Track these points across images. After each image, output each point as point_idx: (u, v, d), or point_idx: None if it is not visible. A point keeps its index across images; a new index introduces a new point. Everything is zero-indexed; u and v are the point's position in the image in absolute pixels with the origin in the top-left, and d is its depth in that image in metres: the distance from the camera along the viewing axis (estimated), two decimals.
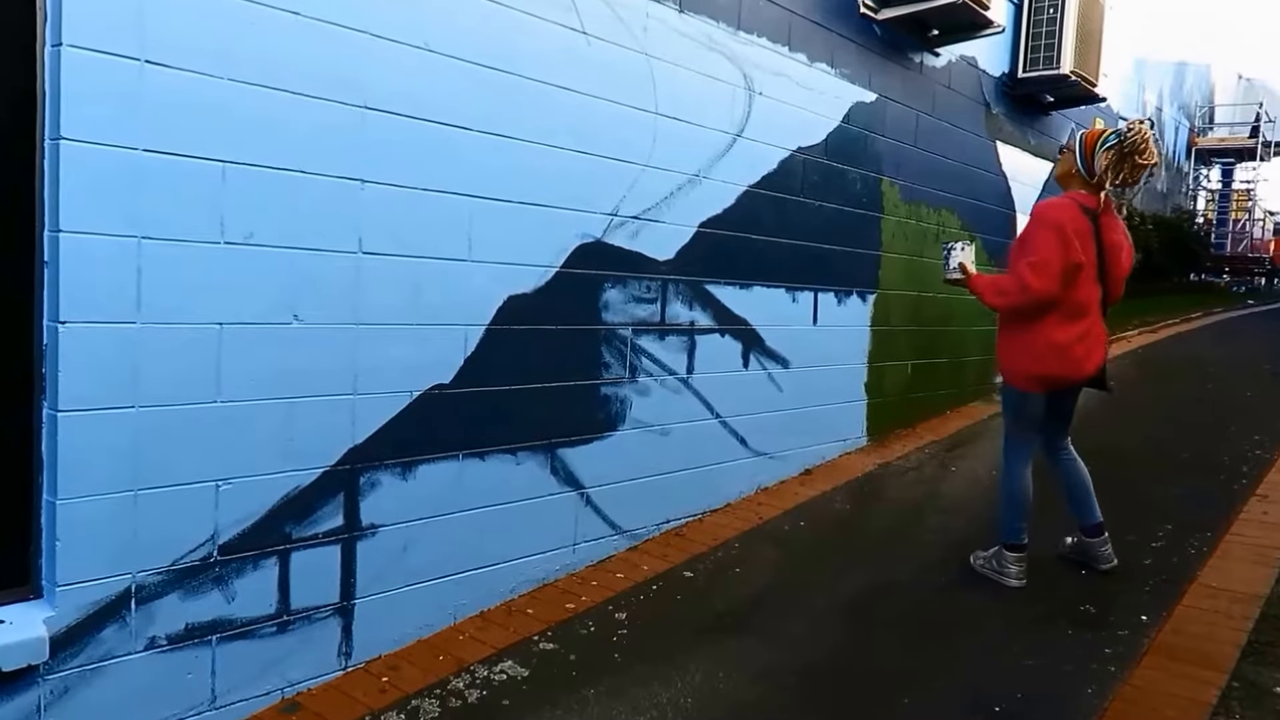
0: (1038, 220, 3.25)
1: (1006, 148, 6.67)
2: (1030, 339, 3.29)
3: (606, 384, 3.62)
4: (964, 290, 3.52)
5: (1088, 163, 3.24)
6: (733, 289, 4.19)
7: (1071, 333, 3.28)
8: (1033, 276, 3.16)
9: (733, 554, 3.84)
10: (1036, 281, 3.16)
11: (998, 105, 6.51)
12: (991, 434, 5.85)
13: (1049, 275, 3.15)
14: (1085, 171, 3.26)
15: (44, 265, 2.23)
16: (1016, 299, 3.25)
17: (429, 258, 2.94)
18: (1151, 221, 12.47)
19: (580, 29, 3.37)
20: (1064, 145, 3.40)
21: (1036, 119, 7.10)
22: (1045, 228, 3.20)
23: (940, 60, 5.72)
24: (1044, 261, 3.16)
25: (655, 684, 2.79)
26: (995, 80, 6.44)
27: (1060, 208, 3.24)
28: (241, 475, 2.55)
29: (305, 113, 2.59)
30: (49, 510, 2.26)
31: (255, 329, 2.55)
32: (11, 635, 2.17)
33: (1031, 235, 3.24)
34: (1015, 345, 3.36)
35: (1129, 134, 3.14)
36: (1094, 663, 2.89)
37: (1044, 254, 3.16)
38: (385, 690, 2.76)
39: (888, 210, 5.32)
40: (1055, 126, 7.39)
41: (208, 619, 2.52)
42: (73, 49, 2.16)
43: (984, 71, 6.28)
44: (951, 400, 6.31)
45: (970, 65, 6.09)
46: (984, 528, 4.18)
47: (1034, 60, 6.49)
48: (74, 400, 2.23)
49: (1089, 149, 3.23)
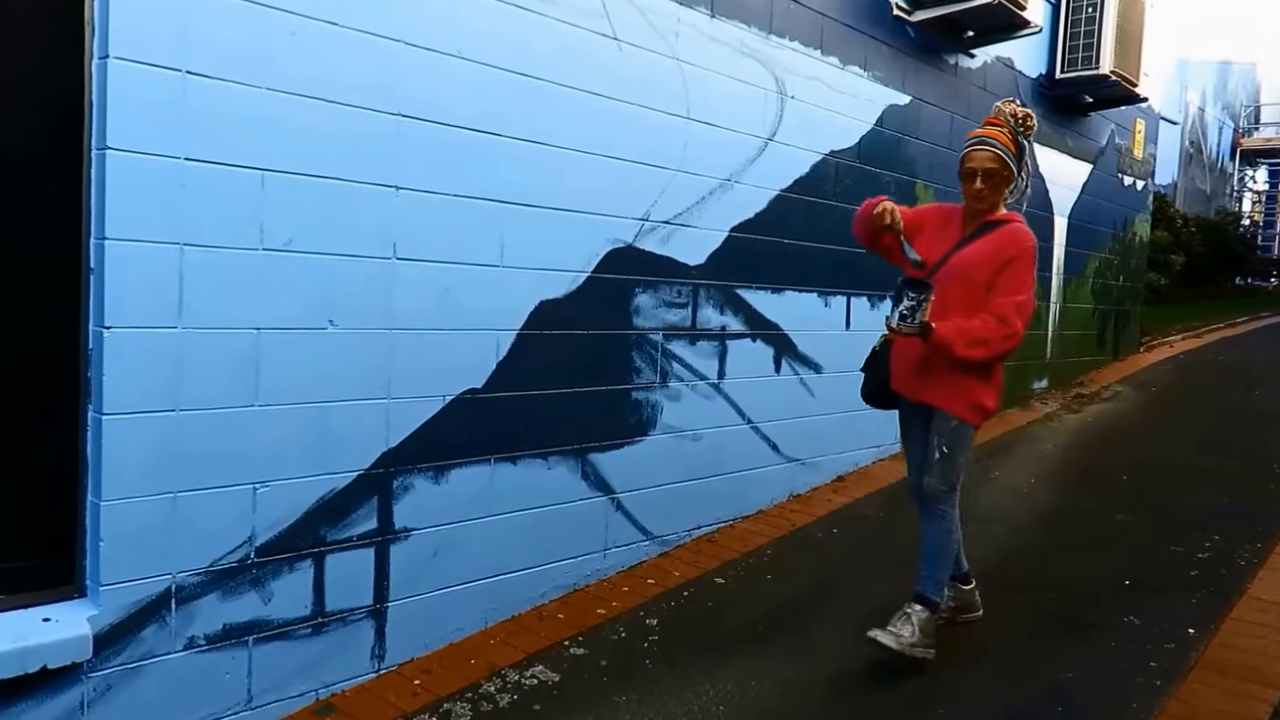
0: (1026, 251, 2.81)
1: (1044, 150, 6.57)
2: (995, 371, 2.92)
3: (637, 389, 3.62)
4: None
5: (1018, 174, 2.90)
6: (764, 293, 4.17)
7: None
8: (1019, 320, 2.75)
9: (764, 561, 3.82)
10: (1021, 326, 2.75)
11: (1035, 107, 6.40)
12: (1030, 440, 5.77)
13: (1028, 319, 2.80)
14: (1018, 180, 2.92)
15: (90, 272, 2.29)
16: (997, 349, 2.77)
17: (462, 263, 2.97)
18: (1195, 224, 12.22)
19: (612, 35, 3.38)
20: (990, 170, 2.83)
21: (1075, 120, 6.99)
22: (1031, 262, 2.81)
23: (975, 62, 5.66)
24: (1028, 305, 2.80)
25: (686, 692, 2.78)
26: (1032, 81, 6.36)
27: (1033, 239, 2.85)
28: (278, 478, 2.59)
29: (341, 121, 2.63)
30: (93, 511, 2.31)
31: (292, 334, 2.59)
32: (57, 633, 2.22)
33: (1016, 268, 2.79)
34: (989, 381, 2.91)
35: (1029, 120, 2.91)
36: (1138, 676, 2.82)
37: (1029, 294, 2.80)
38: (417, 693, 2.79)
39: None
40: (1094, 128, 7.28)
41: (245, 620, 2.56)
42: (119, 61, 2.22)
43: (1020, 73, 6.20)
44: None
45: (1006, 66, 6.01)
46: (1024, 538, 4.13)
47: (1072, 61, 6.39)
48: (117, 404, 2.28)
49: (1016, 162, 2.88)
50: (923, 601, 2.88)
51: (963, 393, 2.84)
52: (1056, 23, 6.40)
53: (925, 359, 2.88)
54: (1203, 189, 15.19)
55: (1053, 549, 3.99)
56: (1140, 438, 5.98)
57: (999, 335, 2.73)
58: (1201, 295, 12.82)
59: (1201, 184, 15.30)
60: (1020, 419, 6.24)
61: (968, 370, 2.82)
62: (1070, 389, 7.18)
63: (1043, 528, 4.28)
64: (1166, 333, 9.89)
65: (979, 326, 2.73)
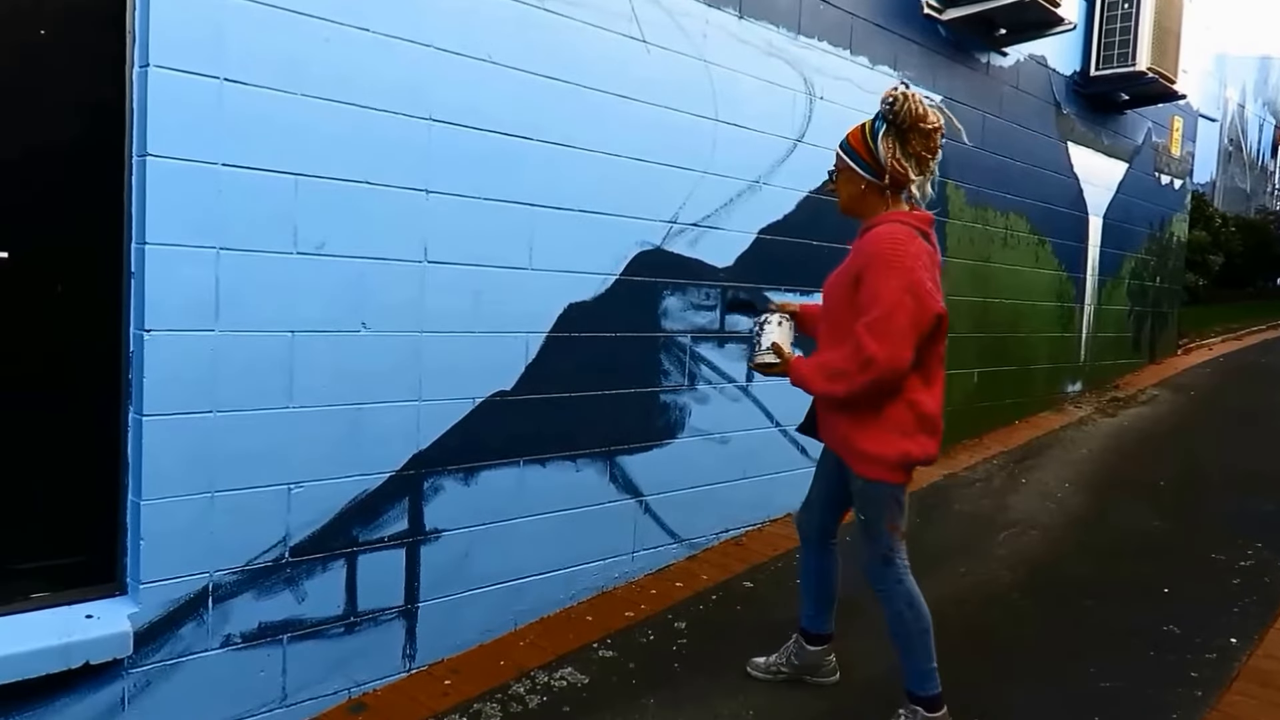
0: (874, 257, 2.31)
1: (1078, 149, 6.49)
2: (896, 413, 2.36)
3: (665, 391, 3.63)
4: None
5: (870, 163, 2.38)
6: (793, 295, 4.15)
7: (938, 397, 2.43)
8: (875, 343, 2.25)
9: (793, 565, 3.79)
10: (881, 349, 2.24)
11: (1068, 105, 6.34)
12: (1064, 444, 5.70)
13: (898, 339, 2.25)
14: (874, 175, 2.38)
15: (130, 276, 2.33)
16: (857, 381, 2.30)
17: (491, 266, 2.99)
18: (1234, 223, 11.99)
19: (640, 38, 3.39)
20: (830, 171, 2.55)
21: (1110, 118, 6.89)
22: (887, 268, 2.27)
23: (1008, 60, 5.60)
24: (886, 316, 2.25)
25: (715, 696, 2.78)
26: (1066, 79, 6.28)
27: (903, 240, 2.31)
28: (312, 479, 2.63)
29: (373, 126, 2.66)
30: (133, 510, 2.36)
31: (325, 336, 2.62)
32: (99, 630, 2.27)
33: (867, 280, 2.30)
34: (877, 424, 2.38)
35: (895, 105, 2.31)
36: (1179, 687, 2.77)
37: (885, 306, 2.25)
38: (447, 693, 2.81)
39: (953, 214, 5.22)
40: (1130, 126, 7.17)
41: (279, 619, 2.60)
42: (159, 69, 2.26)
43: (1054, 70, 6.13)
44: (1019, 410, 6.16)
45: (1039, 64, 5.94)
46: (1059, 544, 4.07)
47: (1107, 58, 6.30)
48: (157, 405, 2.33)
49: (863, 150, 2.40)
50: (914, 700, 2.48)
51: (863, 443, 2.40)
52: (1091, 19, 6.31)
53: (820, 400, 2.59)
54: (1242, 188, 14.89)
55: (1089, 555, 3.93)
56: (1178, 442, 5.88)
57: (855, 365, 2.28)
58: (1241, 296, 12.58)
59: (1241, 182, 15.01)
60: (1054, 422, 6.16)
61: (848, 412, 2.42)
62: (1105, 392, 7.08)
63: (1078, 534, 4.22)
64: (1205, 335, 9.71)
65: (836, 358, 2.36)
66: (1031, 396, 6.29)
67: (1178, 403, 6.94)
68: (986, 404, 5.75)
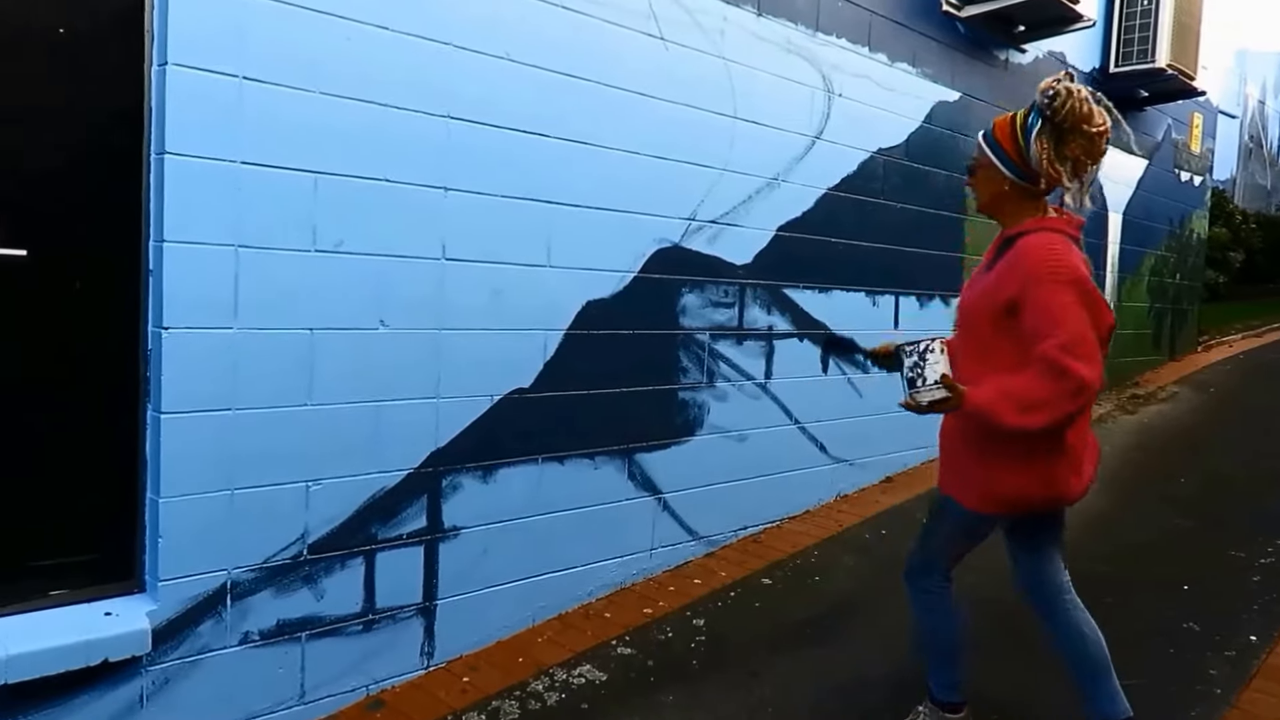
0: (1041, 272, 2.04)
1: None
2: (1036, 449, 2.11)
3: (684, 389, 3.61)
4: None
5: (1018, 163, 2.15)
6: (811, 293, 4.14)
7: (1084, 428, 2.19)
8: (1083, 366, 1.97)
9: (812, 562, 3.79)
10: (1092, 372, 1.98)
11: None
12: None
13: (1098, 358, 2.01)
14: (1023, 177, 2.16)
15: (149, 273, 2.34)
16: (1064, 410, 2.00)
17: (509, 263, 2.98)
18: (1255, 220, 11.87)
19: (658, 35, 3.37)
20: (969, 165, 2.32)
21: (1129, 115, 6.81)
22: (1060, 283, 2.02)
23: (1027, 57, 5.55)
24: (1084, 337, 2.00)
25: (734, 693, 2.76)
26: (1085, 75, 6.22)
27: (1063, 250, 2.09)
28: (330, 476, 2.63)
29: (392, 123, 2.66)
30: (152, 508, 2.36)
31: (344, 334, 2.62)
32: (118, 627, 2.27)
33: (1038, 298, 2.03)
34: (1008, 459, 2.14)
35: (1055, 100, 2.06)
36: (1198, 684, 2.76)
37: (1078, 326, 2.00)
38: (466, 690, 2.80)
39: (971, 212, 5.17)
40: (1150, 122, 7.11)
41: (298, 616, 2.60)
42: (177, 68, 2.26)
43: (1073, 67, 6.07)
44: None
45: (1058, 61, 5.89)
46: (1076, 541, 4.02)
47: (1126, 54, 6.25)
48: (176, 402, 2.33)
49: (1010, 147, 2.16)
50: (935, 702, 2.46)
51: (966, 473, 2.23)
52: (1110, 16, 6.26)
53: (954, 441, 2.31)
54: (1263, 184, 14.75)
55: (1108, 552, 3.89)
56: (1198, 439, 5.82)
57: (1063, 392, 1.98)
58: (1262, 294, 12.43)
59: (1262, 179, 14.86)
60: None
61: (988, 446, 2.16)
62: (1125, 390, 7.02)
63: (1098, 531, 4.18)
64: (1225, 332, 9.61)
65: (1028, 384, 2.01)
66: None
67: (1198, 400, 6.87)
68: None
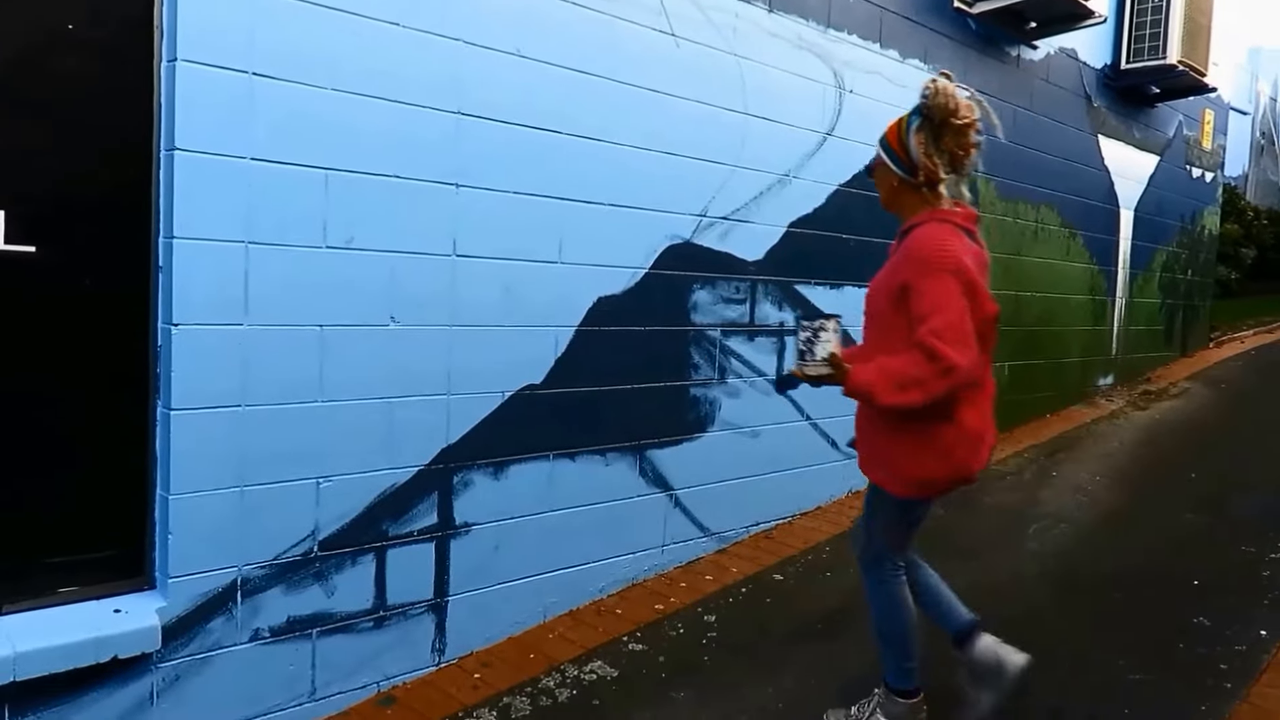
0: (924, 262, 2.17)
1: (1109, 141, 6.39)
2: (936, 430, 2.23)
3: (695, 385, 3.59)
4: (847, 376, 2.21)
5: (903, 159, 2.27)
6: (823, 289, 4.12)
7: (986, 411, 2.31)
8: (953, 349, 2.09)
9: (824, 558, 3.77)
10: (962, 356, 2.09)
11: (1099, 98, 6.25)
12: (1095, 438, 5.62)
13: (971, 342, 2.13)
14: (908, 173, 2.28)
15: (158, 270, 2.33)
16: (934, 390, 2.11)
17: (521, 260, 2.97)
18: (1267, 216, 11.79)
19: (669, 31, 3.36)
20: (868, 166, 2.48)
21: (1141, 111, 6.78)
22: (940, 272, 2.14)
23: (1038, 53, 5.52)
24: (957, 323, 2.11)
25: (745, 688, 2.75)
26: (1096, 72, 6.18)
27: (948, 238, 2.20)
28: (341, 473, 2.62)
29: (403, 120, 2.65)
30: (162, 505, 2.36)
31: (355, 330, 2.61)
32: (128, 624, 2.27)
33: (920, 287, 2.15)
34: (912, 441, 2.25)
35: (927, 99, 2.20)
36: (1208, 679, 2.74)
37: (953, 312, 2.11)
38: (477, 687, 2.80)
39: (983, 208, 5.14)
40: (1161, 119, 7.06)
41: (308, 613, 2.60)
42: (187, 64, 2.26)
43: (1084, 63, 6.03)
44: (1051, 404, 6.08)
45: (1070, 57, 5.86)
46: (1089, 537, 4.02)
47: (1138, 51, 6.21)
48: (185, 399, 2.32)
49: (897, 146, 2.29)
50: (890, 688, 2.49)
51: (894, 459, 2.30)
52: (1122, 12, 6.23)
53: (865, 420, 2.42)
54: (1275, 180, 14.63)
55: (1119, 549, 3.88)
56: (1210, 435, 5.79)
57: (932, 373, 2.10)
58: (1274, 290, 12.34)
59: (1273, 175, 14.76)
60: (1085, 416, 6.08)
61: (897, 432, 2.28)
62: (1137, 385, 6.98)
63: (1108, 527, 4.16)
64: (1237, 328, 9.54)
65: (904, 364, 2.14)
66: (1063, 390, 6.21)
67: (1209, 396, 6.83)
68: (1018, 398, 5.68)
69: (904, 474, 2.30)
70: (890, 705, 2.49)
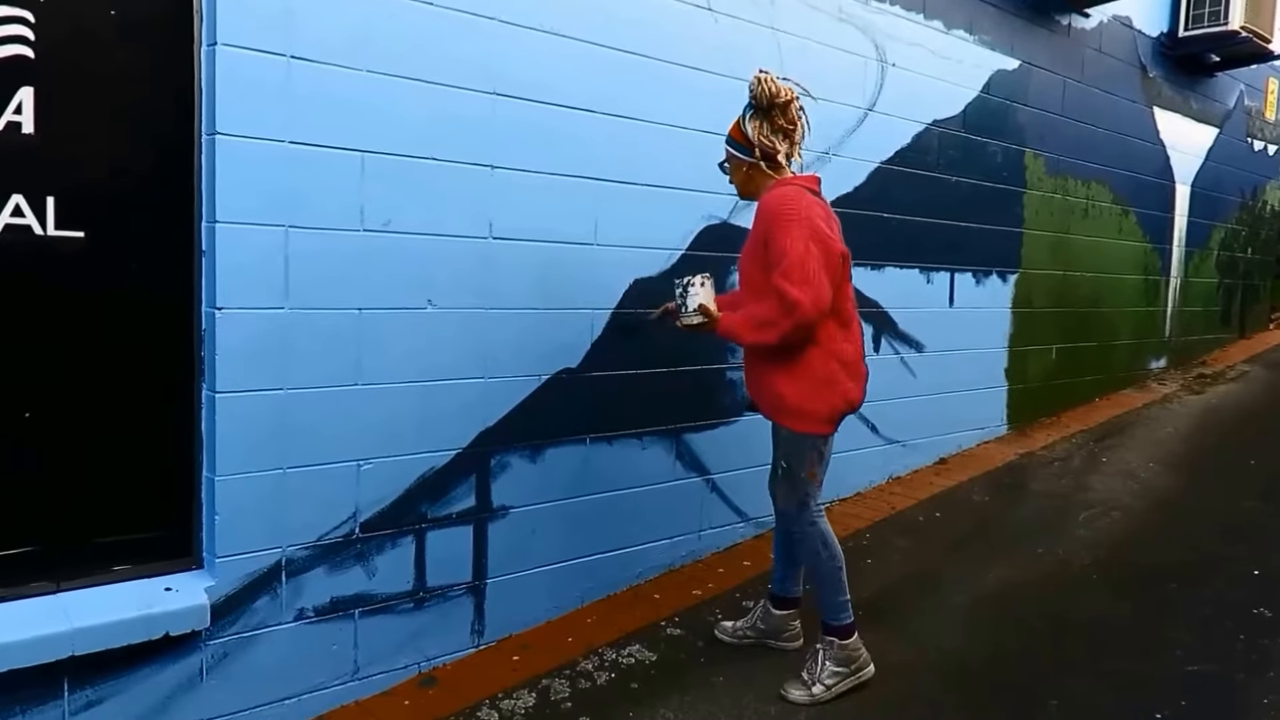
0: (773, 217, 2.49)
1: (1165, 114, 6.18)
2: (818, 364, 2.55)
3: (732, 368, 3.56)
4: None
5: (748, 148, 2.60)
6: (863, 270, 4.04)
7: (857, 343, 2.66)
8: (795, 288, 2.39)
9: (863, 545, 3.73)
10: (803, 293, 2.39)
11: (1155, 68, 6.04)
12: (1148, 423, 5.47)
13: (815, 281, 2.42)
14: (752, 155, 2.60)
15: (202, 255, 2.36)
16: (784, 326, 2.43)
17: (557, 242, 2.96)
18: None
19: (707, 6, 3.30)
20: (720, 165, 2.77)
21: (1199, 81, 6.54)
22: (787, 222, 2.45)
23: (1090, 21, 5.34)
24: (799, 264, 2.41)
25: (785, 674, 2.72)
26: (1152, 41, 5.98)
27: (793, 196, 2.52)
28: (381, 456, 2.64)
29: (438, 101, 2.64)
30: (208, 486, 2.40)
31: (392, 314, 2.62)
32: (178, 602, 2.31)
33: (772, 238, 2.47)
34: (802, 378, 2.55)
35: (753, 91, 2.54)
36: (1269, 671, 2.67)
37: (795, 255, 2.41)
38: (516, 669, 2.81)
39: (1031, 184, 5.02)
40: (1221, 89, 6.81)
41: (350, 593, 2.63)
42: (227, 48, 2.27)
43: (1139, 31, 5.83)
44: (1100, 387, 5.93)
45: (1124, 25, 5.66)
46: (1144, 526, 3.92)
47: (1197, 17, 5.98)
48: (230, 382, 2.35)
49: (739, 137, 2.62)
50: (829, 631, 2.67)
51: (790, 398, 2.58)
52: None
53: (751, 369, 2.74)
54: None
55: (1175, 537, 3.78)
56: (1270, 421, 5.60)
57: (779, 312, 2.42)
58: None
59: None
60: (1136, 400, 5.92)
61: (784, 372, 2.57)
62: (1192, 369, 6.78)
63: (1164, 515, 4.05)
64: None
65: (762, 309, 2.48)
66: (1113, 373, 6.05)
67: (1270, 379, 6.61)
68: (1065, 381, 5.55)
69: (800, 409, 2.58)
70: (838, 651, 2.65)
